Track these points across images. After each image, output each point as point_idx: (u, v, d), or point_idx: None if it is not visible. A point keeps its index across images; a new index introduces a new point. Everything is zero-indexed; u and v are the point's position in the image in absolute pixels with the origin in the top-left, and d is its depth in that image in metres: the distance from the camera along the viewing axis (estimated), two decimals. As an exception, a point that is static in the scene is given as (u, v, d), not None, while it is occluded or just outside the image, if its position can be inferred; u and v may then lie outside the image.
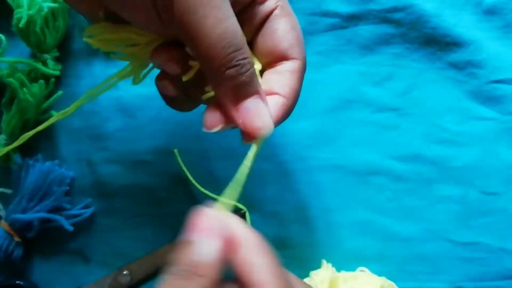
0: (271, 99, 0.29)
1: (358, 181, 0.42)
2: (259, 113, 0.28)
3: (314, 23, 0.43)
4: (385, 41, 0.43)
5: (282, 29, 0.30)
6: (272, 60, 0.30)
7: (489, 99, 0.43)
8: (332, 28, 0.44)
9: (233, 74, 0.26)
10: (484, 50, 0.43)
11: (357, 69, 0.43)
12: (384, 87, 0.44)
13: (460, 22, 0.43)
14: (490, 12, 0.43)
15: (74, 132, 0.43)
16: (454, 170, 0.43)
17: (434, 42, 0.43)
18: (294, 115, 0.43)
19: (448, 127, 0.43)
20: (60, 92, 0.42)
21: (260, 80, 0.30)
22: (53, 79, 0.42)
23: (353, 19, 0.43)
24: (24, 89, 0.40)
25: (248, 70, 0.27)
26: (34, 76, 0.41)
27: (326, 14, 0.43)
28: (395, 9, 0.43)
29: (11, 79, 0.40)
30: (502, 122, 0.43)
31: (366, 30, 0.43)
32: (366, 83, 0.43)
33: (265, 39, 0.30)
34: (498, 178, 0.42)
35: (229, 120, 0.28)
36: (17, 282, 0.40)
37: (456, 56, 0.43)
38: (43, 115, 0.42)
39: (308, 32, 0.43)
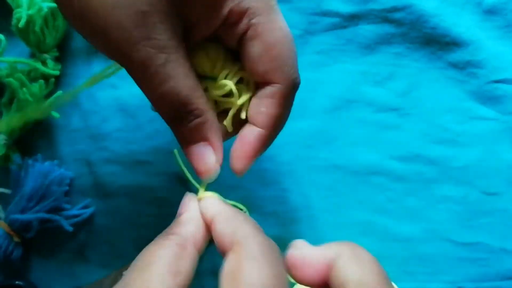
0: (247, 131, 0.29)
1: (359, 181, 0.42)
2: (203, 159, 0.28)
3: (314, 23, 0.43)
4: (385, 40, 0.43)
5: (255, 53, 0.28)
6: (260, 83, 0.29)
7: (489, 99, 0.43)
8: (333, 27, 0.44)
9: (178, 125, 0.27)
10: (484, 50, 0.43)
11: (357, 69, 0.43)
12: (384, 87, 0.43)
13: (461, 22, 0.43)
14: (491, 12, 0.43)
15: (73, 132, 0.43)
16: (455, 170, 0.43)
17: (435, 42, 0.43)
18: (294, 115, 0.43)
19: (449, 127, 0.43)
20: (59, 92, 0.42)
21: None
22: (52, 79, 0.42)
23: (353, 18, 0.43)
24: (24, 89, 0.40)
25: (192, 121, 0.27)
26: (34, 76, 0.41)
27: (326, 13, 0.43)
28: (396, 9, 0.43)
29: (11, 79, 0.40)
30: (503, 122, 0.43)
31: (366, 30, 0.43)
32: (366, 83, 0.43)
33: (244, 64, 0.29)
34: (498, 178, 0.42)
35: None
36: (16, 282, 0.40)
37: (457, 56, 0.43)
38: (43, 114, 0.42)
39: (308, 32, 0.43)
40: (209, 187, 0.41)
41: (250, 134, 0.29)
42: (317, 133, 0.43)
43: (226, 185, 0.42)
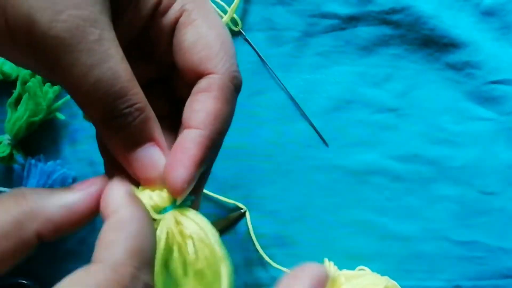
0: (183, 138, 0.23)
1: (357, 181, 0.43)
2: (153, 164, 0.23)
3: (313, 25, 0.44)
4: (383, 42, 0.44)
5: (189, 41, 0.24)
6: (192, 80, 0.24)
7: (487, 100, 0.43)
8: (332, 29, 0.44)
9: (117, 126, 0.22)
10: (482, 51, 0.43)
11: (356, 70, 0.44)
12: (383, 88, 0.44)
13: (458, 23, 0.43)
14: (488, 13, 0.44)
15: (76, 132, 0.43)
16: (453, 170, 0.43)
17: (433, 43, 0.44)
18: (293, 115, 0.43)
19: (447, 127, 0.43)
20: (68, 96, 0.42)
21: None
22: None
23: (352, 20, 0.44)
24: (39, 92, 0.40)
25: (136, 118, 0.22)
26: (39, 76, 0.41)
27: (325, 15, 0.44)
28: (394, 11, 0.43)
29: (30, 83, 0.40)
30: (500, 123, 0.43)
31: (365, 32, 0.44)
32: (365, 84, 0.44)
33: (177, 57, 0.25)
34: (496, 178, 0.43)
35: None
36: (19, 280, 0.41)
37: (454, 57, 0.43)
38: (49, 115, 0.42)
39: (307, 34, 0.44)
40: (209, 188, 0.42)
41: (186, 139, 0.23)
42: (316, 133, 0.43)
43: (226, 185, 0.42)
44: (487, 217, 0.42)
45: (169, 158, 0.23)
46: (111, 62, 0.21)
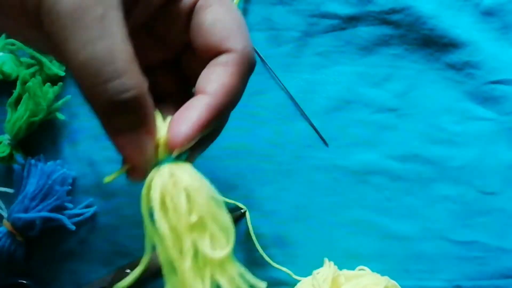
0: (195, 100, 0.25)
1: (357, 181, 0.43)
2: (140, 149, 0.23)
3: (313, 25, 0.44)
4: (383, 42, 0.44)
5: (209, 22, 0.26)
6: (209, 57, 0.26)
7: (487, 100, 0.43)
8: (332, 29, 0.44)
9: (106, 108, 0.22)
10: (482, 51, 0.43)
11: (356, 70, 0.44)
12: (383, 88, 0.44)
13: (458, 23, 0.43)
14: (488, 13, 0.44)
15: (76, 132, 0.43)
16: (453, 170, 0.43)
17: (433, 43, 0.44)
18: (293, 115, 0.43)
19: (446, 127, 0.43)
20: (68, 96, 0.42)
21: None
22: (61, 83, 0.42)
23: (352, 20, 0.44)
24: (39, 92, 0.40)
25: (127, 103, 0.22)
26: (40, 76, 0.41)
27: (325, 15, 0.44)
28: (394, 11, 0.43)
29: (30, 83, 0.40)
30: (500, 123, 0.43)
31: (365, 32, 0.44)
32: (365, 84, 0.44)
33: (195, 37, 0.26)
34: (496, 178, 0.43)
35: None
36: (19, 280, 0.41)
37: (454, 57, 0.43)
38: (49, 115, 0.42)
39: (307, 34, 0.44)
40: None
41: (197, 102, 0.25)
42: (316, 133, 0.43)
43: (226, 184, 0.42)
44: (487, 217, 0.42)
45: (177, 113, 0.24)
46: (108, 41, 0.21)
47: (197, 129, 0.24)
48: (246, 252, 0.42)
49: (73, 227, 0.41)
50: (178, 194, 0.23)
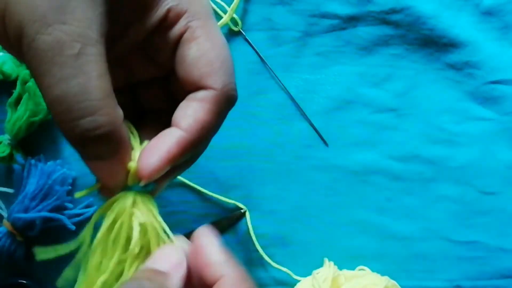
0: (167, 133, 0.25)
1: (357, 181, 0.43)
2: (112, 176, 0.24)
3: (313, 25, 0.44)
4: (383, 42, 0.44)
5: (192, 56, 0.26)
6: (189, 91, 0.26)
7: (487, 100, 0.43)
8: (332, 29, 0.44)
9: (78, 143, 0.23)
10: (482, 51, 0.43)
11: (356, 70, 0.44)
12: (382, 88, 0.44)
13: (458, 23, 0.43)
14: (488, 13, 0.44)
15: (76, 132, 0.43)
16: (452, 170, 0.43)
17: (432, 43, 0.44)
18: (293, 115, 0.43)
19: (446, 127, 0.43)
20: None
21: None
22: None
23: (352, 20, 0.44)
24: (38, 92, 0.40)
25: (100, 139, 0.22)
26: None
27: (325, 15, 0.44)
28: (394, 11, 0.43)
29: (30, 83, 0.40)
30: (500, 123, 0.43)
31: (365, 32, 0.44)
32: (365, 84, 0.44)
33: (178, 69, 0.26)
34: (496, 178, 0.43)
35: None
36: (19, 280, 0.41)
37: (454, 57, 0.43)
38: (49, 115, 0.42)
39: (307, 34, 0.44)
40: (209, 188, 0.42)
41: (169, 135, 0.25)
42: (316, 133, 0.43)
43: (226, 184, 0.42)
44: (487, 217, 0.42)
45: (149, 144, 0.25)
46: (82, 78, 0.21)
47: (165, 163, 0.24)
48: (246, 252, 0.42)
49: (73, 227, 0.41)
50: (128, 225, 0.25)
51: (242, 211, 0.42)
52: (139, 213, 0.25)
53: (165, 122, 0.27)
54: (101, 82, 0.22)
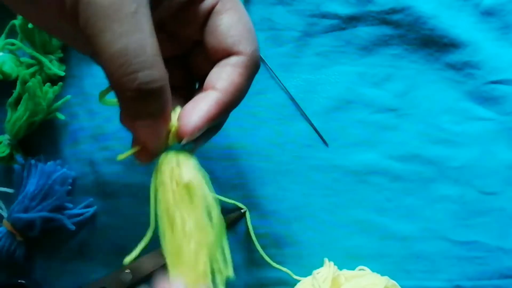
0: (205, 95, 0.28)
1: (357, 181, 0.43)
2: (155, 136, 0.26)
3: (313, 25, 0.44)
4: (383, 42, 0.44)
5: (225, 25, 0.28)
6: (220, 58, 0.29)
7: (487, 100, 0.43)
8: (331, 29, 0.44)
9: (133, 97, 0.24)
10: (482, 51, 0.43)
11: (356, 70, 0.44)
12: (382, 88, 0.44)
13: (458, 23, 0.43)
14: (488, 13, 0.44)
15: (76, 132, 0.43)
16: (453, 170, 0.43)
17: (432, 43, 0.44)
18: (293, 115, 0.43)
19: (446, 127, 0.43)
20: (68, 96, 0.42)
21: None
22: (61, 83, 0.42)
23: (352, 20, 0.44)
24: (39, 92, 0.40)
25: (152, 93, 0.24)
26: (40, 76, 0.41)
27: (325, 15, 0.44)
28: (394, 11, 0.43)
29: (30, 83, 0.40)
30: (500, 123, 0.43)
31: (365, 32, 0.44)
32: (365, 84, 0.44)
33: (209, 38, 0.29)
34: (496, 178, 0.43)
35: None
36: (19, 280, 0.41)
37: (454, 57, 0.44)
38: (49, 115, 0.42)
39: (307, 34, 0.44)
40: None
41: (207, 96, 0.27)
42: (316, 133, 0.43)
43: (226, 184, 0.42)
44: (487, 217, 0.42)
45: (188, 104, 0.27)
46: (140, 34, 0.23)
47: (206, 121, 0.27)
48: (246, 252, 0.42)
49: (73, 227, 0.41)
50: (180, 182, 0.26)
51: (242, 211, 0.42)
52: (186, 170, 0.26)
53: (179, 97, 0.29)
54: (153, 40, 0.24)
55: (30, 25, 0.40)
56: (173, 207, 0.26)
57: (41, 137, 0.43)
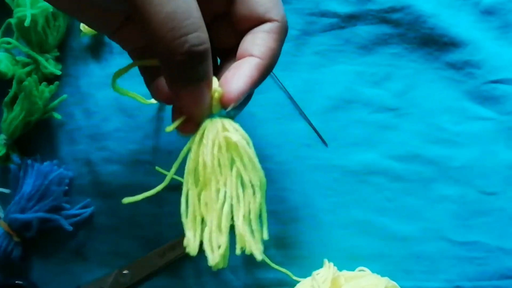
0: (244, 61, 0.29)
1: (357, 181, 0.43)
2: (200, 101, 0.26)
3: (312, 23, 0.44)
4: (383, 41, 0.44)
5: None
6: (251, 27, 0.30)
7: (487, 99, 0.43)
8: (331, 28, 0.44)
9: (182, 61, 0.24)
10: (482, 50, 0.43)
11: (355, 69, 0.44)
12: (382, 87, 0.44)
13: (458, 22, 0.43)
14: (488, 12, 0.44)
15: (73, 132, 0.43)
16: (453, 170, 0.43)
17: (432, 42, 0.43)
18: (292, 114, 0.43)
19: (446, 127, 0.43)
20: (65, 96, 0.42)
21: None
22: (57, 82, 0.42)
23: (351, 19, 0.43)
24: (35, 92, 0.40)
25: (200, 56, 0.25)
26: (36, 75, 0.41)
27: (324, 14, 0.44)
28: (393, 10, 0.43)
29: (26, 82, 0.39)
30: (500, 122, 0.43)
31: (364, 30, 0.44)
32: (364, 83, 0.44)
33: (240, 7, 0.30)
34: (496, 178, 0.43)
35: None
36: (16, 281, 0.40)
37: (454, 56, 0.43)
38: (45, 115, 0.42)
39: (306, 32, 0.44)
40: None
41: (247, 63, 0.28)
42: (315, 133, 0.43)
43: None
44: (487, 217, 0.42)
45: (231, 72, 0.28)
46: None
47: (249, 86, 0.28)
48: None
49: (70, 228, 0.41)
50: (226, 146, 0.27)
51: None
52: (232, 134, 0.27)
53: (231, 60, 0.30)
54: (197, 4, 0.24)
55: (26, 24, 0.39)
56: (210, 173, 0.27)
57: (37, 137, 0.42)
